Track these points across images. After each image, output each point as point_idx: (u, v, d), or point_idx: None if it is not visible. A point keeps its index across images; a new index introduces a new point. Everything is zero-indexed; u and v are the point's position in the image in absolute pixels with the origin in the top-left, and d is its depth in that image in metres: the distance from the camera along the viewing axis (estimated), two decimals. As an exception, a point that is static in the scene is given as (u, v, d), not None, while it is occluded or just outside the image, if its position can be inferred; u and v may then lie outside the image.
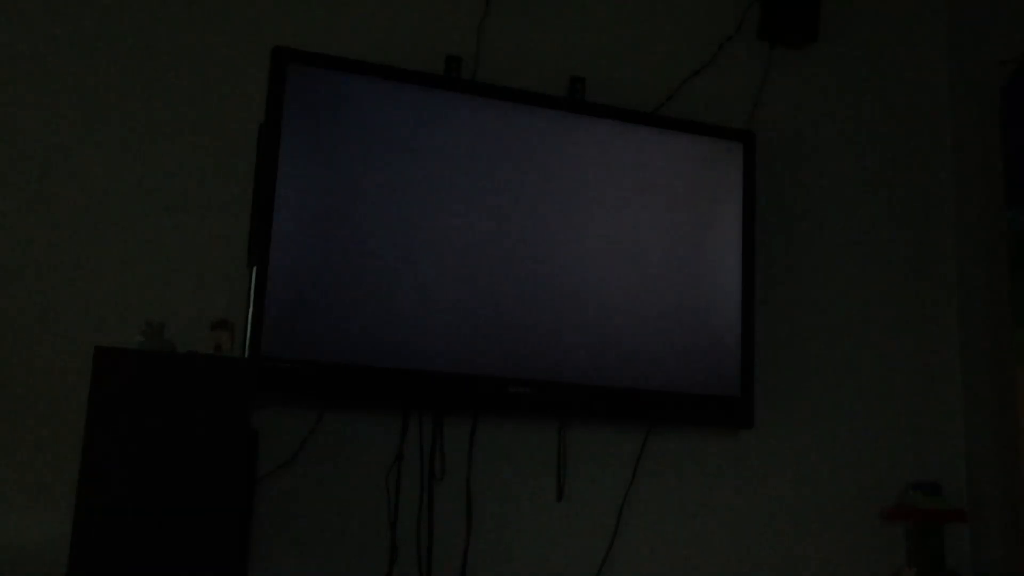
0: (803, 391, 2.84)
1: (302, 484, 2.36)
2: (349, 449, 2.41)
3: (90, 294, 2.31)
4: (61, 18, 2.40)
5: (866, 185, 3.04)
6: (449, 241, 2.44)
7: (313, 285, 2.32)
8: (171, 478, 1.79)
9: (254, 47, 2.46)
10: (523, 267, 2.49)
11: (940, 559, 2.73)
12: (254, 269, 2.25)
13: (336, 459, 2.39)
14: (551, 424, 2.57)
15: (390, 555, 2.38)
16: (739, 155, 2.74)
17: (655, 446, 2.65)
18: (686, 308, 2.62)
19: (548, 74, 2.71)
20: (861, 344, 2.93)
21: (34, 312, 2.27)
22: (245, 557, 1.94)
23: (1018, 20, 2.89)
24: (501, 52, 2.70)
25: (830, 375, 2.88)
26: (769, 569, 2.71)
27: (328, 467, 2.39)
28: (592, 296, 2.54)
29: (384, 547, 2.38)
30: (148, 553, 1.76)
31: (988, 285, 2.90)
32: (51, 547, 2.11)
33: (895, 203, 3.06)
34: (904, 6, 3.20)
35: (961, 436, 2.96)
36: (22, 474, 2.20)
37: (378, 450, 2.42)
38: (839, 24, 3.07)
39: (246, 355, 2.20)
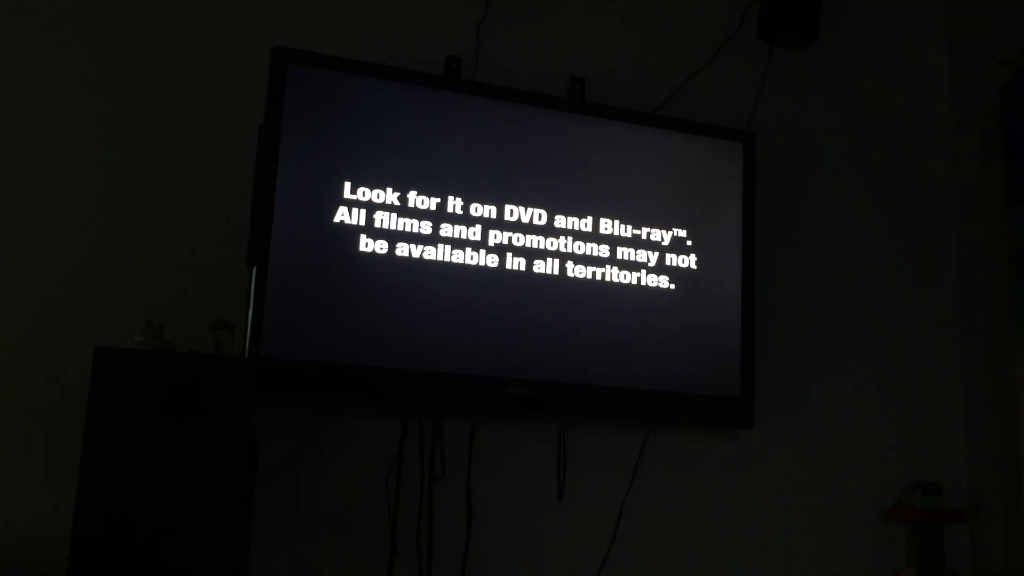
0: (803, 391, 2.84)
1: (302, 484, 2.36)
2: (349, 449, 2.40)
3: (90, 294, 2.31)
4: (61, 18, 2.40)
5: (866, 185, 3.04)
6: (449, 241, 2.44)
7: (313, 285, 2.32)
8: (171, 478, 1.79)
9: (254, 47, 2.45)
10: (523, 267, 2.49)
11: (940, 559, 2.73)
12: (254, 269, 2.25)
13: (336, 459, 2.39)
14: (551, 424, 2.57)
15: (390, 555, 2.38)
16: (739, 155, 2.74)
17: (655, 446, 2.65)
18: (686, 308, 2.62)
19: (548, 74, 2.71)
20: (861, 344, 2.93)
21: (34, 312, 2.28)
22: (245, 557, 1.94)
23: (1018, 20, 2.88)
24: (501, 52, 2.70)
25: (830, 375, 2.88)
26: (769, 569, 2.71)
27: (328, 467, 2.39)
28: (592, 296, 2.53)
29: (384, 547, 2.38)
30: (148, 553, 1.76)
31: (988, 285, 2.90)
32: (51, 547, 2.11)
33: (895, 203, 3.06)
34: (904, 6, 3.19)
35: (961, 436, 2.96)
36: (22, 474, 2.20)
37: (378, 450, 2.42)
38: (839, 24, 3.06)
39: (246, 355, 2.20)
